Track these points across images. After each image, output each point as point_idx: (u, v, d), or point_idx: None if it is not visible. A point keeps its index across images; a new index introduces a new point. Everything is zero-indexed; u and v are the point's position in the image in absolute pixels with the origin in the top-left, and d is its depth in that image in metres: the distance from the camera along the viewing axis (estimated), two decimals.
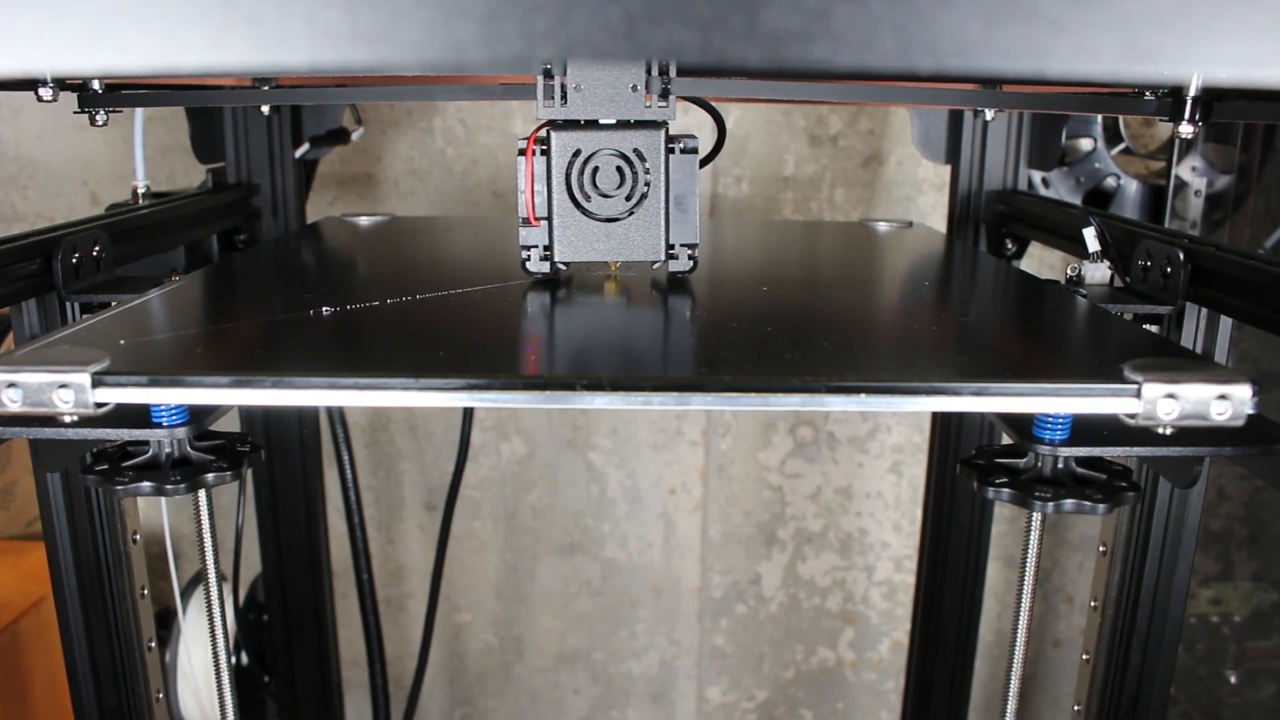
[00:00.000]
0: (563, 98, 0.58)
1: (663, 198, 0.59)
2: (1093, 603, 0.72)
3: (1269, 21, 0.25)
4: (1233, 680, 1.20)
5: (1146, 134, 1.13)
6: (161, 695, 0.75)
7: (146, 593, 0.72)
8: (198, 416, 0.50)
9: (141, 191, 0.84)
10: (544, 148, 0.59)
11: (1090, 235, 0.67)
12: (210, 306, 0.58)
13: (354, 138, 0.99)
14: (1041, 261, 1.18)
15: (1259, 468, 0.54)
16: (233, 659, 0.81)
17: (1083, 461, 0.52)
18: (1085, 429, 0.49)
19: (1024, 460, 0.53)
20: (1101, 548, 0.71)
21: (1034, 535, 0.55)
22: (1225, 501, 1.29)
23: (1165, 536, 0.66)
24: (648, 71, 0.58)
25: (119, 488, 0.52)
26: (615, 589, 1.36)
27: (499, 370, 0.44)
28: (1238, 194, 1.06)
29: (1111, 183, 1.04)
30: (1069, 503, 0.50)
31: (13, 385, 0.41)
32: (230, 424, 0.58)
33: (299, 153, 0.96)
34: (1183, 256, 0.61)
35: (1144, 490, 0.66)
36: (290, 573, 1.05)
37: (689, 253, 0.61)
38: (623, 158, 0.59)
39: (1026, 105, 0.80)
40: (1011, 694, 0.59)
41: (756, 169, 1.21)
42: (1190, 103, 0.60)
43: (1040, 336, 0.54)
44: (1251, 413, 0.41)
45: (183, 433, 0.50)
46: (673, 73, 0.58)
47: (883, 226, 0.87)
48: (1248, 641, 1.21)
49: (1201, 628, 1.23)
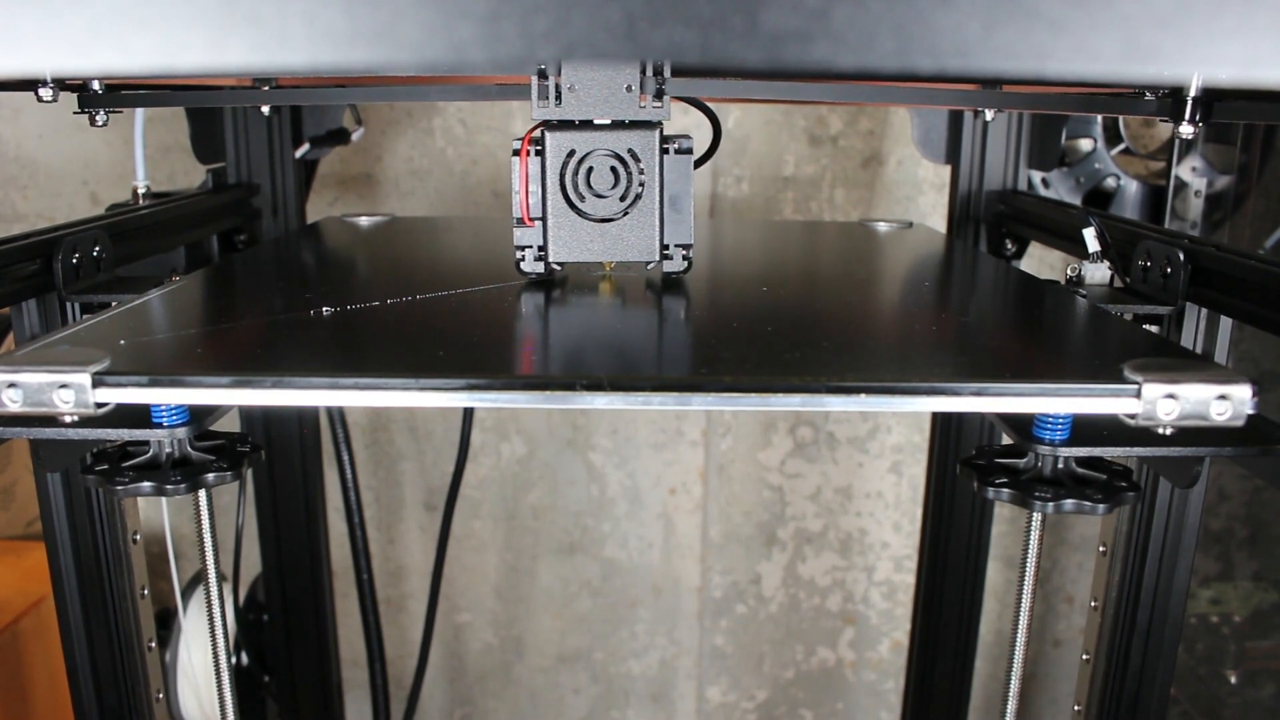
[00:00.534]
0: (557, 98, 0.58)
1: (657, 198, 0.59)
2: (1093, 603, 0.72)
3: (1269, 21, 0.25)
4: (1233, 680, 1.20)
5: (1146, 134, 1.13)
6: (161, 695, 0.75)
7: (146, 593, 0.72)
8: (198, 416, 0.50)
9: (142, 191, 0.84)
10: (538, 148, 0.58)
11: (1090, 235, 0.67)
12: (210, 306, 0.58)
13: (354, 138, 0.99)
14: (1041, 261, 1.18)
15: (1259, 468, 0.54)
16: (233, 659, 0.81)
17: (1083, 461, 0.52)
18: (1085, 429, 0.49)
19: (1024, 460, 0.53)
20: (1101, 548, 0.71)
21: (1034, 535, 0.55)
22: (1225, 501, 1.29)
23: (1165, 536, 0.66)
24: (642, 72, 0.57)
25: (119, 488, 0.52)
26: (615, 589, 1.36)
27: (499, 370, 0.44)
28: (1238, 194, 1.06)
29: (1111, 183, 1.04)
30: (1069, 503, 0.50)
31: (13, 385, 0.41)
32: (230, 424, 0.58)
33: (299, 153, 0.96)
34: (1183, 257, 0.61)
35: (1144, 490, 0.66)
36: (290, 573, 1.05)
37: (683, 253, 0.61)
38: (617, 158, 0.58)
39: (1026, 105, 0.80)
40: (1011, 694, 0.59)
41: (756, 169, 1.21)
42: (1190, 103, 0.60)
43: (1040, 337, 0.54)
44: (1251, 413, 0.41)
45: (183, 433, 0.50)
46: (667, 73, 0.58)
47: (883, 227, 0.87)
48: (1248, 641, 1.21)
49: (1201, 628, 1.23)
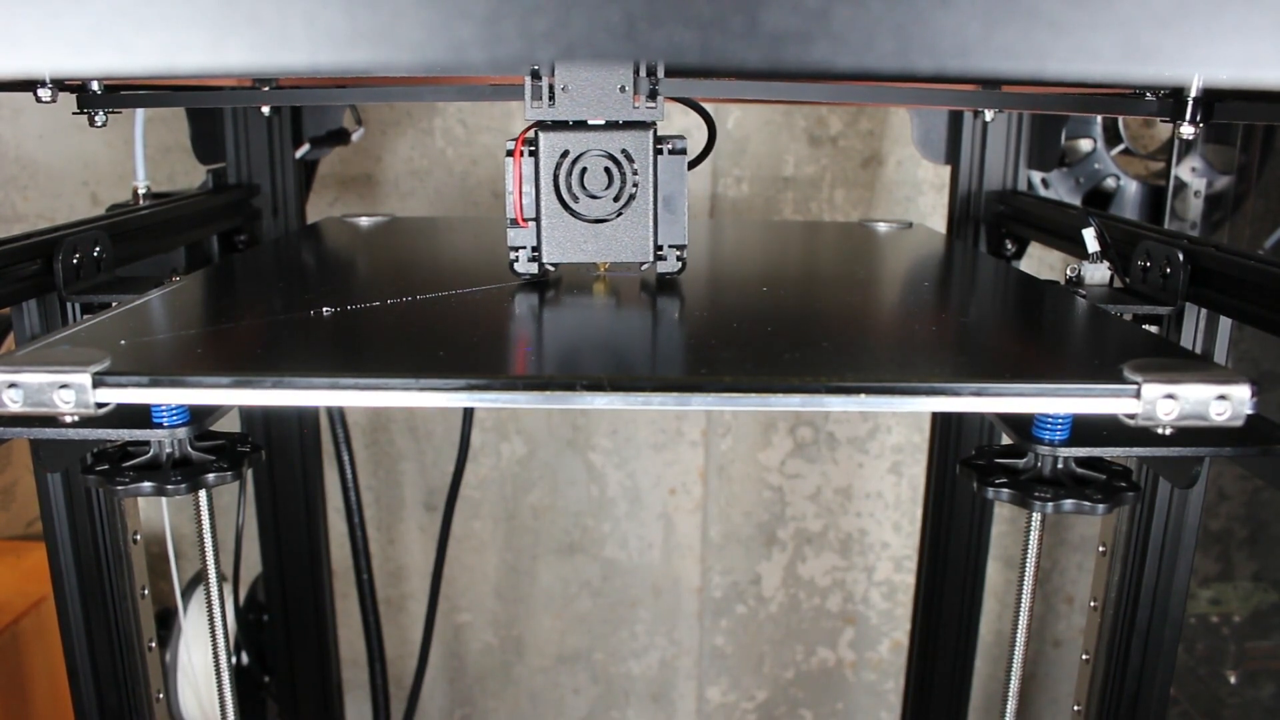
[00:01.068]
0: (551, 98, 0.58)
1: (651, 199, 0.59)
2: (1093, 603, 0.72)
3: (1269, 22, 0.25)
4: (1233, 680, 1.20)
5: (1146, 134, 1.13)
6: (162, 695, 0.75)
7: (147, 593, 0.72)
8: (198, 416, 0.50)
9: (142, 192, 0.84)
10: (532, 148, 0.58)
11: (1090, 236, 0.67)
12: (210, 307, 0.58)
13: (354, 138, 0.99)
14: (1041, 262, 1.18)
15: (1259, 468, 0.54)
16: (233, 659, 0.81)
17: (1082, 462, 0.52)
18: (1085, 429, 0.49)
19: (1024, 460, 0.53)
20: (1101, 548, 0.71)
21: (1034, 535, 0.55)
22: (1225, 501, 1.29)
23: (1165, 536, 0.66)
24: (636, 72, 0.57)
25: (119, 488, 0.52)
26: (615, 589, 1.36)
27: (499, 370, 0.44)
28: (1237, 194, 1.06)
29: (1111, 183, 1.04)
30: (1069, 503, 0.50)
31: (14, 385, 0.41)
32: (230, 424, 0.58)
33: (299, 153, 0.96)
34: (1182, 257, 0.61)
35: (1144, 490, 0.66)
36: (290, 573, 1.05)
37: (677, 254, 0.61)
38: (611, 159, 0.58)
39: (1026, 106, 0.80)
40: (1011, 694, 0.59)
41: (756, 169, 1.21)
42: (1191, 103, 0.60)
43: (1040, 337, 0.54)
44: (1251, 413, 0.41)
45: (183, 433, 0.50)
46: (660, 73, 0.58)
47: (883, 227, 0.87)
48: (1248, 641, 1.21)
49: (1201, 628, 1.23)
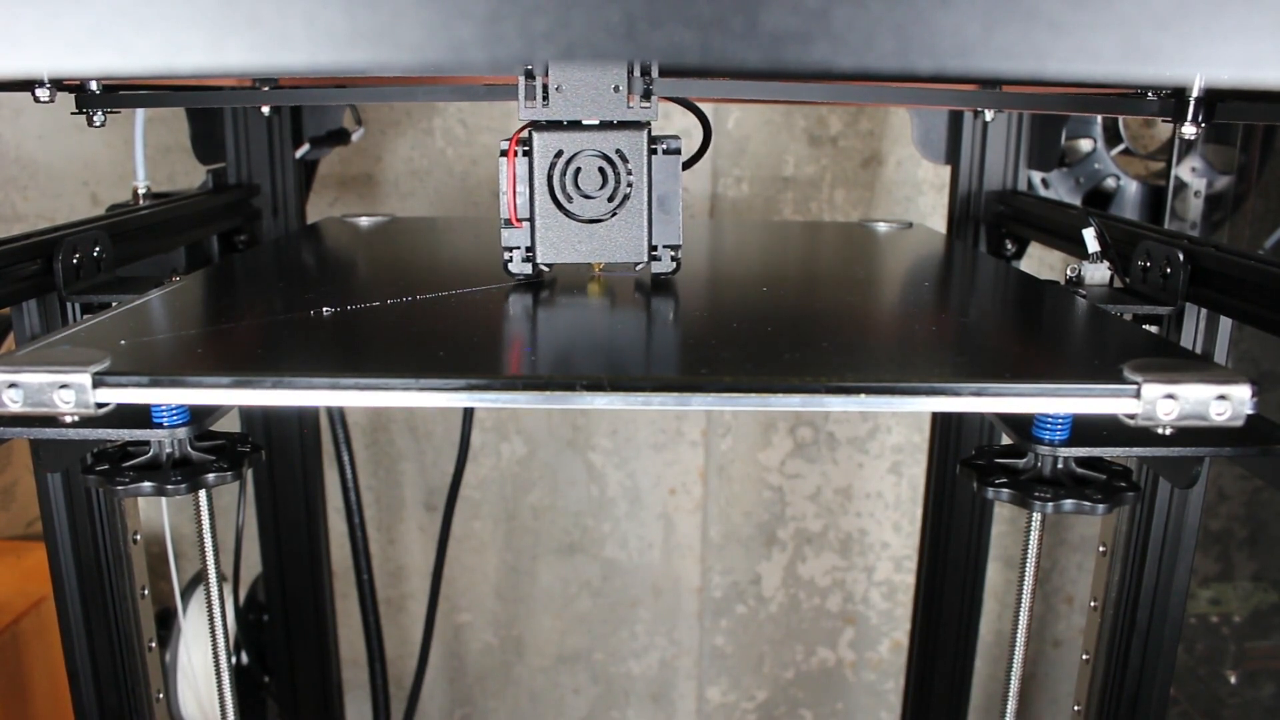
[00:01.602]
0: (544, 98, 0.58)
1: (645, 199, 0.59)
2: (1093, 603, 0.72)
3: (1269, 22, 0.25)
4: (1233, 680, 1.20)
5: (1146, 134, 1.13)
6: (162, 695, 0.75)
7: (147, 593, 0.72)
8: (198, 417, 0.50)
9: (142, 192, 0.84)
10: (526, 148, 0.58)
11: (1090, 236, 0.67)
12: (211, 307, 0.58)
13: (354, 138, 0.99)
14: (1041, 262, 1.18)
15: (1259, 468, 0.54)
16: (233, 659, 0.81)
17: (1082, 462, 0.52)
18: (1085, 429, 0.49)
19: (1024, 460, 0.53)
20: (1101, 548, 0.71)
21: (1034, 535, 0.55)
22: (1225, 501, 1.29)
23: (1165, 536, 0.66)
24: (630, 72, 0.57)
25: (119, 488, 0.52)
26: (615, 589, 1.36)
27: (499, 370, 0.44)
28: (1237, 194, 1.06)
29: (1111, 183, 1.04)
30: (1069, 503, 0.50)
31: (14, 385, 0.41)
32: (230, 424, 0.58)
33: (299, 153, 0.96)
34: (1182, 257, 0.61)
35: (1144, 490, 0.66)
36: (290, 573, 1.05)
37: (672, 254, 0.61)
38: (605, 158, 0.58)
39: (1026, 106, 0.80)
40: (1011, 694, 0.59)
41: (756, 169, 1.21)
42: (1193, 103, 0.60)
43: (1040, 337, 0.54)
44: (1251, 413, 0.41)
45: (183, 433, 0.50)
46: (655, 73, 0.58)
47: (883, 227, 0.87)
48: (1248, 641, 1.21)
49: (1201, 628, 1.23)
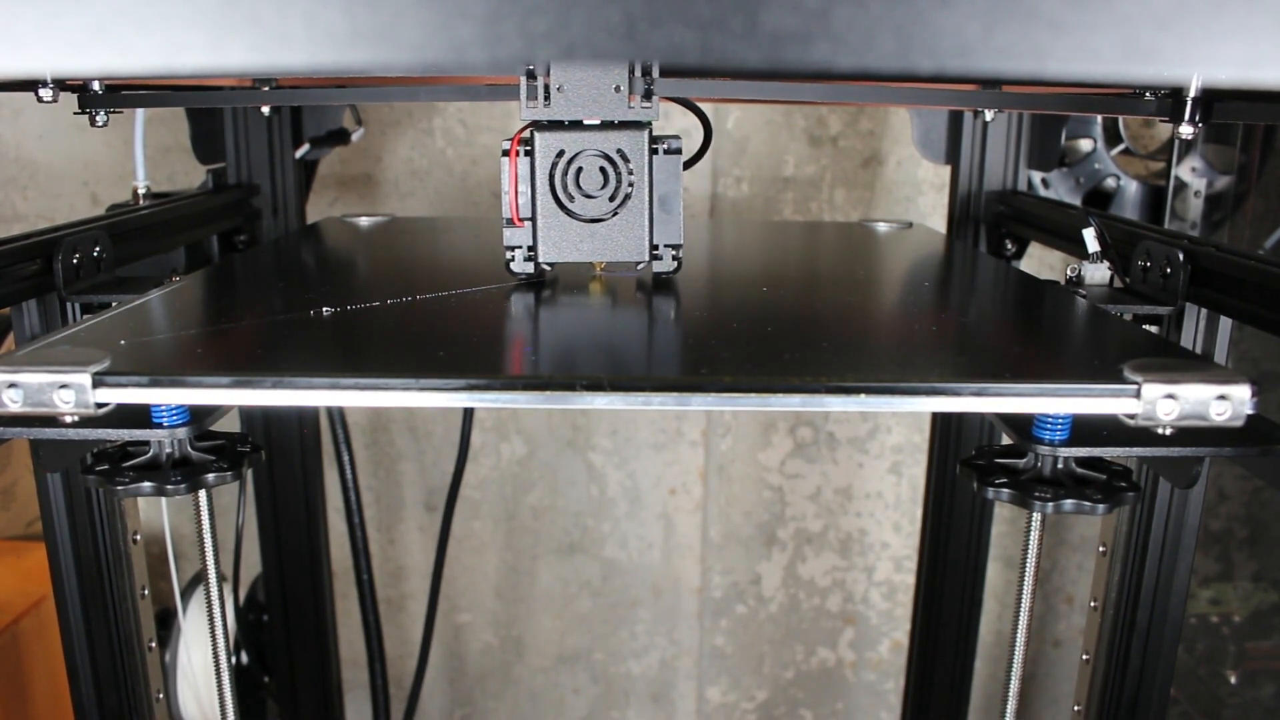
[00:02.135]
0: (546, 98, 0.58)
1: (646, 198, 0.59)
2: (1093, 603, 0.72)
3: (1269, 22, 0.25)
4: (1233, 680, 1.20)
5: (1146, 134, 1.13)
6: (161, 695, 0.75)
7: (147, 593, 0.72)
8: (198, 417, 0.50)
9: (142, 192, 0.84)
10: (528, 148, 0.59)
11: (1090, 236, 0.67)
12: (210, 307, 0.58)
13: (354, 138, 0.99)
14: (1041, 262, 1.18)
15: (1259, 468, 0.54)
16: (233, 659, 0.81)
17: (1082, 462, 0.52)
18: (1085, 429, 0.49)
19: (1024, 460, 0.53)
20: (1101, 548, 0.71)
21: (1034, 535, 0.55)
22: (1225, 501, 1.29)
23: (1165, 536, 0.66)
24: (631, 72, 0.57)
25: (119, 488, 0.52)
26: (615, 589, 1.36)
27: (499, 370, 0.44)
28: (1237, 194, 1.06)
29: (1111, 183, 1.04)
30: (1069, 503, 0.50)
31: (13, 385, 0.41)
32: (230, 424, 0.58)
33: (299, 153, 0.96)
34: (1182, 257, 0.61)
35: (1144, 490, 0.66)
36: (290, 573, 1.05)
37: (673, 253, 0.61)
38: (606, 158, 0.58)
39: (1026, 106, 0.80)
40: (1011, 694, 0.59)
41: (756, 169, 1.21)
42: (1190, 103, 0.60)
43: (1040, 337, 0.54)
44: (1251, 413, 0.41)
45: (183, 433, 0.50)
46: (655, 73, 0.58)
47: (883, 227, 0.87)
48: (1248, 641, 1.21)
49: (1201, 628, 1.23)
